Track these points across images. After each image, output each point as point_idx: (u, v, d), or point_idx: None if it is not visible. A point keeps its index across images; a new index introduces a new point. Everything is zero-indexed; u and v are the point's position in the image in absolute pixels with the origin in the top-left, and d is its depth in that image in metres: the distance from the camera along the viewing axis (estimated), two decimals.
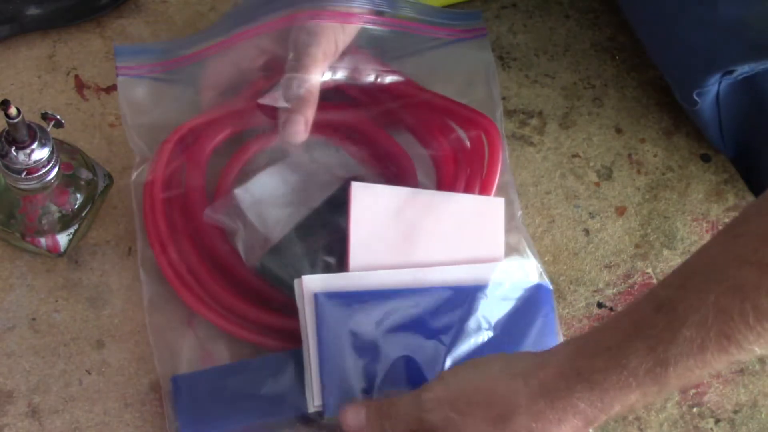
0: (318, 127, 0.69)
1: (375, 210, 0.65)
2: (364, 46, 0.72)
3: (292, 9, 0.68)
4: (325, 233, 0.66)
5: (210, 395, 0.63)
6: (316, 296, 0.61)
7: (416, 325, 0.63)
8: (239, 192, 0.68)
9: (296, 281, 0.62)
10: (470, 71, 0.77)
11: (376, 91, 0.73)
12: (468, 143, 0.73)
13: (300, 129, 0.67)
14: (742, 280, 0.49)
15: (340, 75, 0.71)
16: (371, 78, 0.72)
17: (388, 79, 0.73)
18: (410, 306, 0.63)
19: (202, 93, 0.73)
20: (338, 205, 0.66)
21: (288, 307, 0.64)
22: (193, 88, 0.72)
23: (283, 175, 0.70)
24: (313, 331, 0.61)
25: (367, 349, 0.62)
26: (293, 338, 0.63)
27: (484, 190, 0.70)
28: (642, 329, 0.52)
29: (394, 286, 0.63)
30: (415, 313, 0.63)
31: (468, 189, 0.70)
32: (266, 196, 0.69)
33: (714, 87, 0.74)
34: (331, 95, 0.71)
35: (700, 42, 0.73)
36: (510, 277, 0.67)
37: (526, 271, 0.68)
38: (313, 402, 0.61)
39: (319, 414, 0.62)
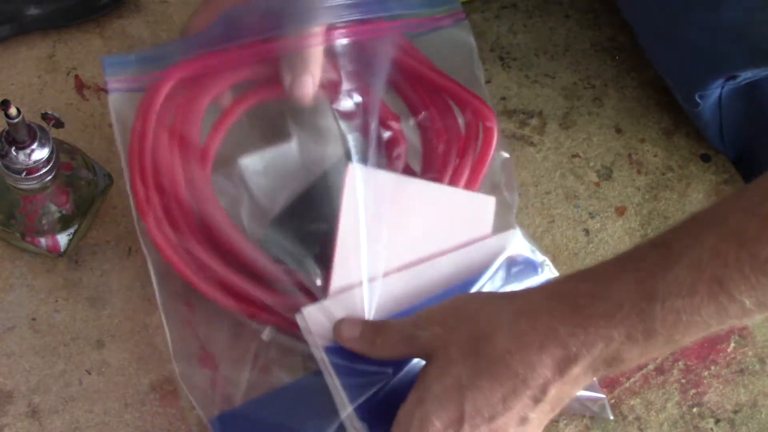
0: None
1: (367, 193, 0.64)
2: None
3: (286, 30, 0.66)
4: (320, 208, 0.65)
5: (254, 429, 0.63)
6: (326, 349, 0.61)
7: None
8: (244, 162, 0.67)
9: (298, 316, 0.61)
10: (453, 58, 0.75)
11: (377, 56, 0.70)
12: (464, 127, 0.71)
13: (308, 90, 0.66)
14: (742, 229, 0.48)
15: (340, 39, 0.68)
16: (369, 42, 0.69)
17: (390, 45, 0.70)
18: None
19: None
20: (333, 180, 0.65)
21: (283, 282, 0.63)
22: None
23: (289, 155, 0.69)
24: (327, 361, 0.60)
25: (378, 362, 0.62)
26: (285, 313, 0.62)
27: (473, 175, 0.70)
28: (634, 263, 0.51)
29: (395, 305, 0.63)
30: None
31: (456, 172, 0.69)
32: (270, 170, 0.68)
33: (716, 90, 0.74)
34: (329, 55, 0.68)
35: (703, 46, 0.73)
36: (498, 260, 0.67)
37: (514, 250, 0.68)
38: (351, 423, 0.60)
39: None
